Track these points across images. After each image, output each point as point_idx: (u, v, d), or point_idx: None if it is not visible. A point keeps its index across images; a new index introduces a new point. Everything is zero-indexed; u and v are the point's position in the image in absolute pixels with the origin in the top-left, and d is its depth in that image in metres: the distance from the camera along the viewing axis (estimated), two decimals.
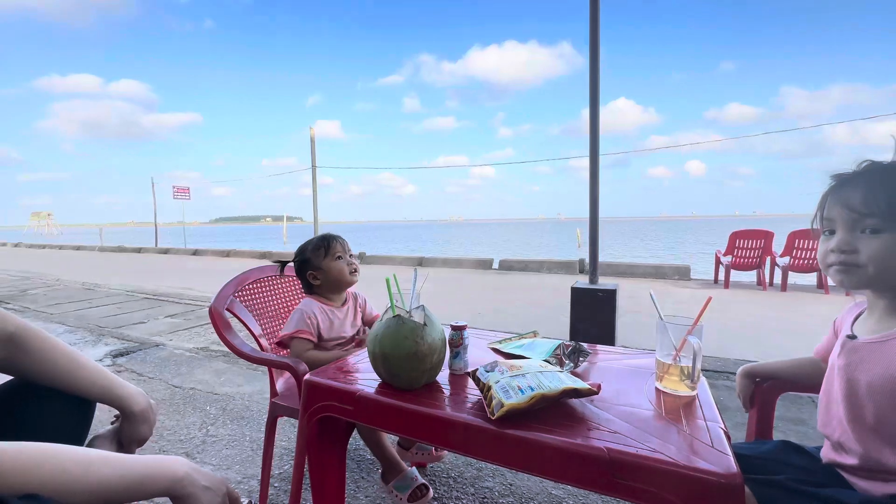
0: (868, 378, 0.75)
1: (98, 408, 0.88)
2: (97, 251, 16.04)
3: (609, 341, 2.99)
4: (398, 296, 1.02)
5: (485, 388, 0.85)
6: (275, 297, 1.70)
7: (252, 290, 1.62)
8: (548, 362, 1.01)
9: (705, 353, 0.99)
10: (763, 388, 1.11)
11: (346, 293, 1.59)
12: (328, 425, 1.06)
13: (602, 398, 0.87)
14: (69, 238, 35.95)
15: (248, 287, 1.61)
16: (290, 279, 1.78)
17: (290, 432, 1.93)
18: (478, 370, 0.91)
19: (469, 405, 0.88)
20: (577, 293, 3.12)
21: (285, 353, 1.54)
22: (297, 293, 1.79)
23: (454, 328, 1.04)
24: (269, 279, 1.70)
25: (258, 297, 1.64)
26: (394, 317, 0.96)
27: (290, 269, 1.72)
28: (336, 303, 1.54)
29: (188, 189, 20.53)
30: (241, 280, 1.60)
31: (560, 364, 1.05)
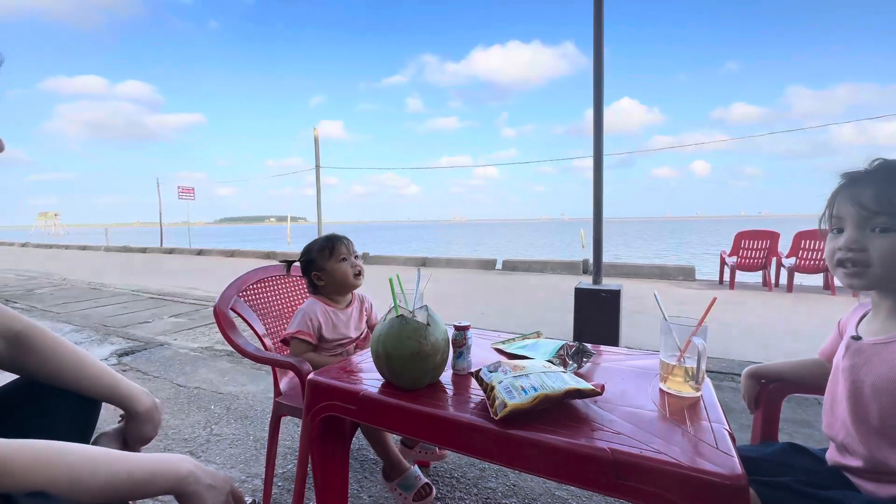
0: (873, 379, 0.75)
1: (104, 406, 0.89)
2: (103, 251, 16.16)
3: (613, 342, 2.98)
4: (401, 296, 1.02)
5: (488, 389, 0.85)
6: (279, 297, 1.71)
7: (256, 290, 1.63)
8: (551, 363, 1.01)
9: (710, 354, 0.99)
10: (768, 390, 1.11)
11: (352, 294, 1.59)
12: (331, 425, 1.06)
13: (606, 399, 0.87)
14: (75, 238, 36.24)
15: (252, 287, 1.61)
16: (293, 279, 1.79)
17: (293, 431, 1.93)
18: (481, 370, 0.91)
19: (472, 405, 0.88)
20: (580, 294, 3.11)
21: (289, 352, 1.55)
22: (301, 293, 1.80)
23: (457, 328, 1.04)
24: (272, 279, 1.71)
25: (262, 296, 1.65)
26: (397, 317, 0.96)
27: (295, 268, 1.72)
28: (340, 304, 1.55)
29: (193, 189, 20.63)
30: (245, 280, 1.60)
31: (563, 365, 1.05)
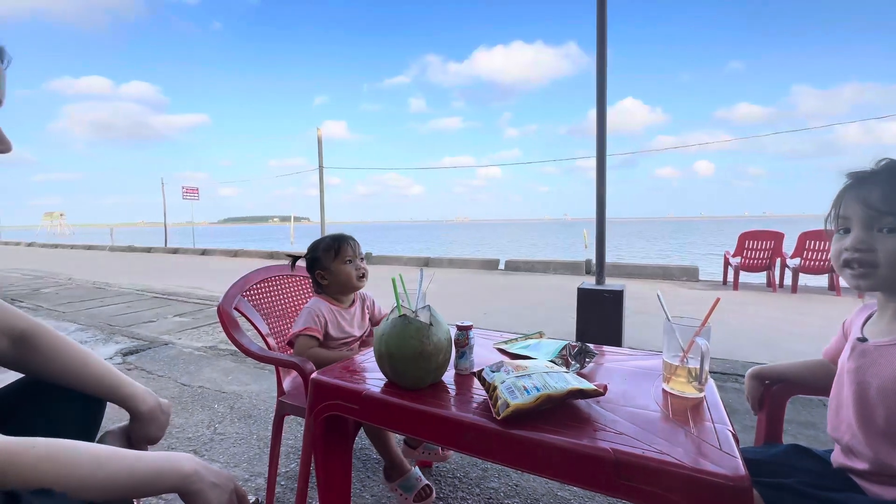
0: (879, 381, 0.74)
1: (111, 405, 0.90)
2: (108, 251, 16.25)
3: (616, 342, 2.97)
4: (404, 296, 1.02)
5: (490, 389, 0.85)
6: (282, 297, 1.72)
7: (259, 290, 1.63)
8: (554, 363, 1.01)
9: (713, 354, 0.98)
10: (772, 391, 1.10)
11: (354, 294, 1.60)
12: (334, 424, 1.07)
13: (608, 399, 0.87)
14: (81, 238, 36.47)
15: (255, 287, 1.62)
16: (297, 279, 1.79)
17: (296, 431, 1.94)
18: (483, 370, 0.91)
19: (474, 405, 0.88)
20: (583, 294, 3.11)
21: (295, 348, 1.56)
22: (304, 293, 1.80)
23: (460, 328, 1.04)
24: (276, 279, 1.71)
25: (266, 296, 1.65)
26: (400, 316, 0.96)
27: (299, 268, 1.73)
28: (344, 304, 1.56)
29: (197, 189, 20.72)
30: (249, 280, 1.61)
31: (566, 365, 1.05)
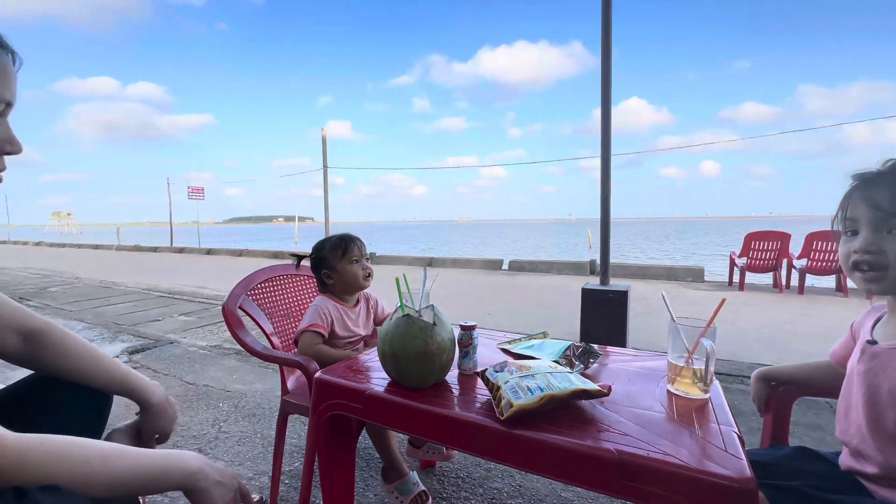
0: (890, 384, 0.73)
1: (118, 403, 0.90)
2: (114, 250, 16.39)
3: (620, 343, 2.96)
4: (408, 295, 1.02)
5: (494, 389, 0.85)
6: (286, 297, 1.72)
7: (264, 289, 1.64)
8: (557, 363, 1.00)
9: (719, 356, 0.98)
10: (778, 393, 1.09)
11: (359, 294, 1.61)
12: (338, 423, 1.07)
13: (612, 400, 0.87)
14: (88, 237, 36.77)
15: (260, 286, 1.63)
16: (301, 278, 1.80)
17: (300, 430, 1.95)
18: (487, 370, 0.91)
19: (478, 405, 0.87)
20: (587, 294, 3.09)
21: (300, 346, 1.56)
22: (308, 292, 1.81)
23: (463, 328, 1.04)
24: (280, 278, 1.72)
25: (270, 295, 1.66)
26: (403, 316, 0.96)
27: (304, 267, 1.74)
28: (349, 303, 1.56)
29: (202, 189, 20.84)
30: (253, 279, 1.62)
31: (570, 365, 1.04)
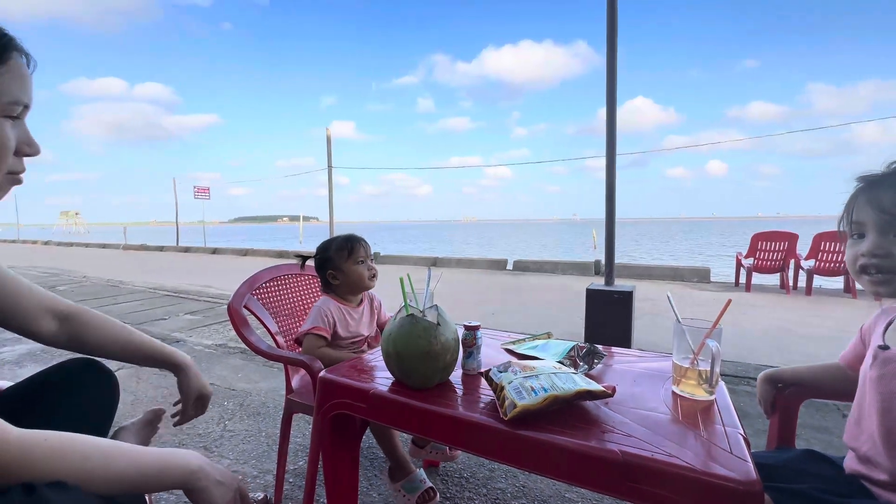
0: None
1: (123, 402, 0.91)
2: (121, 249, 16.53)
3: (625, 344, 2.95)
4: (412, 295, 1.02)
5: (498, 389, 0.85)
6: (291, 296, 1.73)
7: (269, 289, 1.65)
8: (562, 364, 1.00)
9: (725, 357, 0.97)
10: (785, 395, 1.08)
11: (363, 294, 1.61)
12: (342, 423, 1.07)
13: (617, 401, 0.86)
14: (95, 236, 37.13)
15: (264, 285, 1.64)
16: (306, 278, 1.81)
17: (305, 429, 1.95)
18: (491, 370, 0.91)
19: (482, 405, 0.87)
20: (592, 295, 3.08)
21: (303, 348, 1.57)
22: (313, 292, 1.82)
23: (467, 328, 1.04)
24: (285, 278, 1.73)
25: (275, 295, 1.67)
26: (407, 316, 0.96)
27: (308, 267, 1.74)
28: (352, 303, 1.57)
29: (208, 189, 20.95)
30: (258, 278, 1.63)
31: (574, 366, 1.04)
